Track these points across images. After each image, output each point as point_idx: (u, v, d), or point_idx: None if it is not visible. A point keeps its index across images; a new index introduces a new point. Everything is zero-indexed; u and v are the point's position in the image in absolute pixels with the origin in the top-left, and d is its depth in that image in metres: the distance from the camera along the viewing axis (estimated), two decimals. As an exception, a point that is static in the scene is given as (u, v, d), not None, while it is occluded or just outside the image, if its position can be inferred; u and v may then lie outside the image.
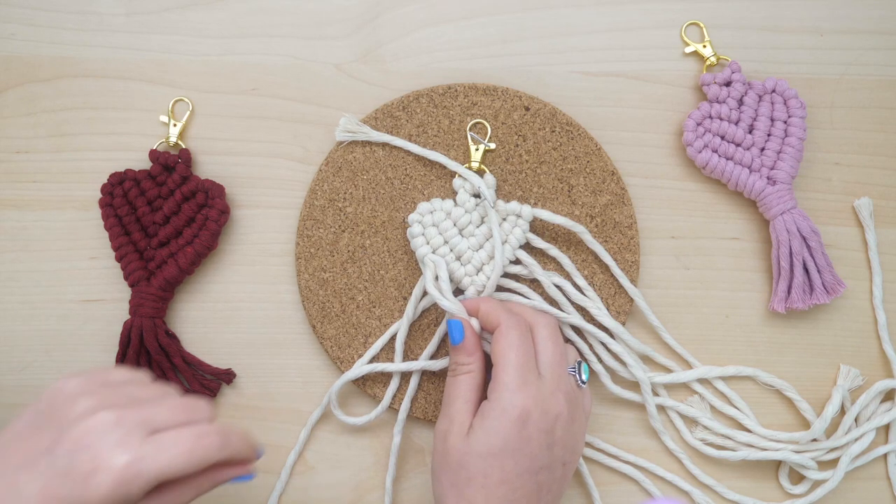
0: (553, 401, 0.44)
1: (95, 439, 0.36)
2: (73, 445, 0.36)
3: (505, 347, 0.44)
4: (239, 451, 0.40)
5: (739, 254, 0.54)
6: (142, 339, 0.50)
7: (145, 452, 0.36)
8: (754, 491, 0.53)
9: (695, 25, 0.56)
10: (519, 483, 0.42)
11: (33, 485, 0.36)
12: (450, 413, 0.45)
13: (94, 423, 0.36)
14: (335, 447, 0.52)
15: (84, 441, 0.36)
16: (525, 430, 0.43)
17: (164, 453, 0.37)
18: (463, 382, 0.45)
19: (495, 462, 0.42)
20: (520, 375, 0.43)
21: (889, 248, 0.55)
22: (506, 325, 0.45)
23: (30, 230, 0.53)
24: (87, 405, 0.37)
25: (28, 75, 0.53)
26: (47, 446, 0.36)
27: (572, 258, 0.52)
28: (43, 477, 0.36)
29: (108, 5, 0.54)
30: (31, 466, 0.36)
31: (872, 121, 0.55)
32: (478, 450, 0.42)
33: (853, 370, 0.53)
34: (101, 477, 0.35)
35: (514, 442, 0.42)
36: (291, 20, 0.55)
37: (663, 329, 0.52)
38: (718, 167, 0.53)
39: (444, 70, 0.54)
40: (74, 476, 0.35)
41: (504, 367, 0.44)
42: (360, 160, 0.52)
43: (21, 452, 0.37)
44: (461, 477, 0.43)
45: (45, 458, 0.36)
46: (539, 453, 0.43)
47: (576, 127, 0.53)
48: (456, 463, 0.43)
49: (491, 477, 0.42)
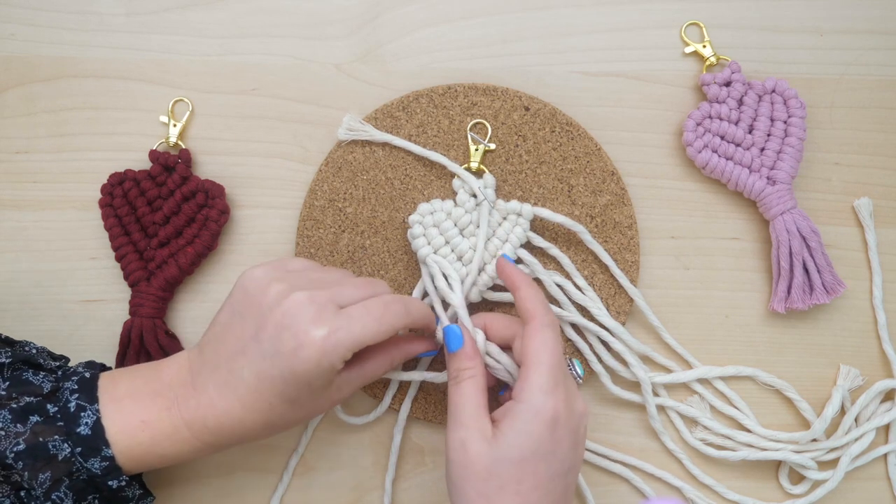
0: (578, 400, 0.43)
1: (294, 319, 0.40)
2: (274, 329, 0.40)
3: (539, 346, 0.42)
4: (421, 317, 0.44)
5: (739, 254, 0.54)
6: (142, 339, 0.50)
7: (340, 324, 0.40)
8: (754, 491, 0.53)
9: (695, 25, 0.56)
10: (551, 487, 0.41)
11: (248, 369, 0.40)
12: (463, 421, 0.42)
13: (289, 304, 0.40)
14: (335, 447, 0.52)
15: (284, 322, 0.40)
16: (556, 433, 0.41)
17: (356, 322, 0.40)
18: (468, 387, 0.43)
19: (528, 467, 0.40)
20: (552, 377, 0.41)
21: (889, 248, 0.55)
22: (541, 322, 0.43)
23: (30, 230, 0.53)
24: (279, 289, 0.41)
25: (28, 75, 0.53)
26: (252, 334, 0.41)
27: (572, 258, 0.52)
28: (255, 362, 0.40)
29: (108, 5, 0.54)
30: (243, 353, 0.41)
31: (872, 121, 0.55)
32: (509, 455, 0.40)
33: (853, 370, 0.53)
34: (305, 352, 0.39)
35: (546, 445, 0.41)
36: (291, 20, 0.55)
37: (663, 329, 0.52)
38: (718, 167, 0.53)
39: (444, 70, 0.54)
40: (282, 355, 0.40)
41: (537, 366, 0.42)
42: (360, 160, 0.52)
43: (232, 341, 0.42)
44: (491, 486, 0.40)
45: (253, 345, 0.41)
46: (568, 454, 0.42)
47: (576, 127, 0.53)
48: (484, 471, 0.40)
49: (524, 483, 0.40)
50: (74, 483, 0.40)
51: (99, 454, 0.40)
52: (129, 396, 0.42)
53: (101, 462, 0.40)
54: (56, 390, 0.42)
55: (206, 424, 0.41)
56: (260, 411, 0.41)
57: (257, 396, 0.41)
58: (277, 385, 0.40)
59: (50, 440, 0.40)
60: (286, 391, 0.40)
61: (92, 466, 0.40)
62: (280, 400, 0.41)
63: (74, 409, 0.40)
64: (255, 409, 0.41)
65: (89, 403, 0.41)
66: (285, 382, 0.40)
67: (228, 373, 0.41)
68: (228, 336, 0.42)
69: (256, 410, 0.41)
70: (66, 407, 0.41)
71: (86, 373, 0.42)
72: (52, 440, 0.40)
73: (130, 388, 0.42)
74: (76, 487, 0.40)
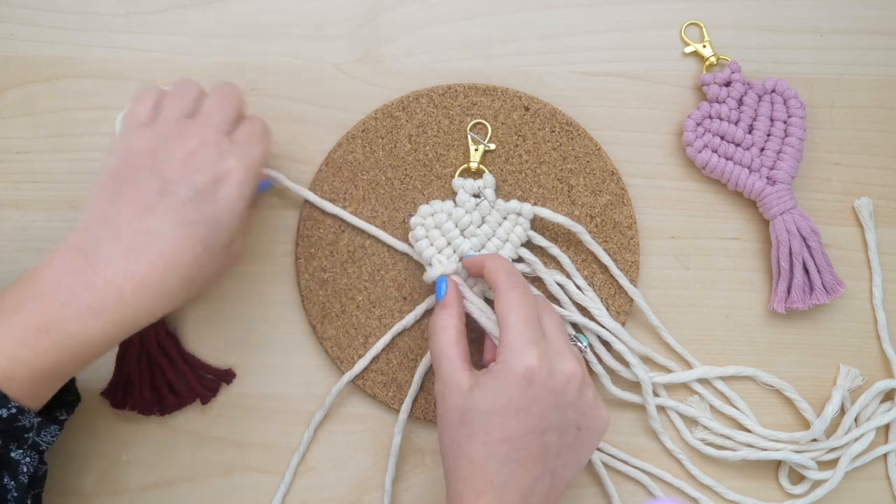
0: (563, 361, 0.43)
1: (200, 161, 0.40)
2: (182, 176, 0.40)
3: (505, 309, 0.43)
4: None
5: (739, 254, 0.54)
6: (142, 339, 0.50)
7: (240, 151, 0.41)
8: (754, 491, 0.53)
9: (695, 25, 0.56)
10: (523, 443, 0.41)
11: (165, 221, 0.39)
12: (440, 374, 0.44)
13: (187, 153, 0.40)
14: (335, 447, 0.52)
15: (190, 168, 0.40)
16: (531, 390, 0.41)
17: (251, 146, 0.42)
18: (439, 340, 0.44)
19: (498, 420, 0.41)
20: (522, 335, 0.42)
21: (889, 248, 0.55)
22: (504, 287, 0.44)
23: (30, 230, 0.53)
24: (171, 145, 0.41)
25: (28, 75, 0.53)
26: (157, 189, 0.40)
27: (572, 258, 0.52)
28: (171, 211, 0.39)
29: (108, 5, 0.54)
30: (150, 210, 0.39)
31: (872, 121, 0.55)
32: (480, 407, 0.41)
33: (853, 370, 0.53)
34: (226, 185, 0.40)
35: (518, 401, 0.41)
36: (291, 20, 0.55)
37: (663, 329, 0.52)
38: (718, 167, 0.53)
39: (444, 70, 0.54)
40: (202, 196, 0.40)
41: (505, 328, 0.43)
42: (360, 160, 0.52)
43: (129, 206, 0.40)
44: (462, 434, 0.42)
45: (162, 199, 0.39)
46: (547, 413, 0.42)
47: (576, 127, 0.53)
48: (458, 420, 0.42)
49: (492, 434, 0.41)
50: None
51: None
52: (18, 307, 0.38)
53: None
54: None
55: (122, 300, 0.39)
56: (182, 265, 0.40)
57: (180, 250, 0.39)
58: (199, 230, 0.40)
59: None
60: (208, 235, 0.40)
61: None
62: (202, 249, 0.40)
63: None
64: (178, 263, 0.39)
65: None
66: (208, 225, 0.40)
67: (136, 235, 0.39)
68: (121, 204, 0.40)
69: (179, 265, 0.40)
70: None
71: None
72: None
73: (16, 300, 0.39)
74: None
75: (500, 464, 0.41)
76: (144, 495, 0.51)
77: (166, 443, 0.51)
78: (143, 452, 0.51)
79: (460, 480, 0.41)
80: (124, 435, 0.50)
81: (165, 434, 0.51)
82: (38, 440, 0.40)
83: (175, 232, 0.39)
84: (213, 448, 0.51)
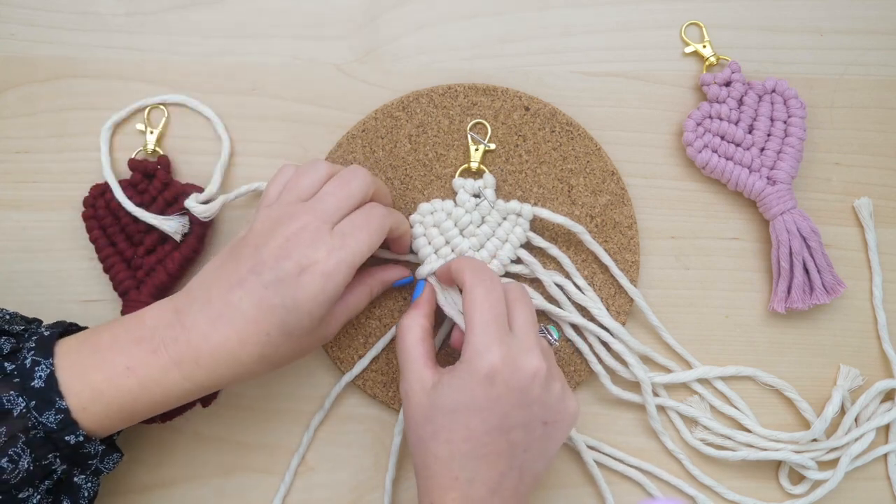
0: (527, 358, 0.42)
1: (292, 247, 0.41)
2: (274, 260, 0.41)
3: (469, 308, 0.43)
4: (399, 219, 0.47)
5: (739, 254, 0.54)
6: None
7: (336, 243, 0.42)
8: (754, 491, 0.53)
9: (695, 25, 0.56)
10: (487, 440, 0.41)
11: (248, 299, 0.41)
12: (405, 372, 0.44)
13: (286, 236, 0.42)
14: (335, 448, 0.52)
15: (283, 253, 0.41)
16: (493, 389, 0.41)
17: (350, 239, 0.42)
18: (405, 339, 0.45)
19: (460, 418, 0.42)
20: (485, 334, 0.42)
21: (889, 248, 0.55)
22: (468, 284, 0.44)
23: (30, 230, 0.53)
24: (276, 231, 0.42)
25: (28, 75, 0.53)
26: (250, 267, 0.41)
27: (572, 258, 0.52)
28: (254, 291, 0.41)
29: (108, 5, 0.54)
30: (240, 285, 0.41)
31: (872, 121, 0.55)
32: (442, 405, 0.42)
33: (853, 370, 0.53)
34: (308, 276, 0.41)
35: (480, 400, 0.41)
36: (291, 20, 0.55)
37: (663, 329, 0.52)
38: (718, 167, 0.53)
39: (444, 70, 0.54)
40: (284, 282, 0.41)
41: (470, 327, 0.43)
42: (360, 160, 0.52)
43: (225, 278, 0.42)
44: (427, 431, 0.42)
45: (251, 277, 0.41)
46: (511, 412, 0.42)
47: (576, 127, 0.53)
48: (422, 417, 0.43)
49: (455, 433, 0.41)
50: (31, 440, 0.40)
51: (53, 407, 0.39)
52: (112, 345, 0.41)
53: (56, 415, 0.39)
54: (17, 350, 0.41)
55: (198, 361, 0.41)
56: (257, 343, 0.41)
57: (255, 327, 0.41)
58: (278, 314, 0.41)
59: (5, 395, 0.39)
60: (286, 320, 0.41)
61: (47, 421, 0.39)
62: (279, 331, 0.41)
63: (30, 365, 0.40)
64: (252, 340, 0.41)
65: (44, 358, 0.40)
66: (287, 310, 0.41)
67: (224, 305, 0.41)
68: (221, 275, 0.42)
69: (253, 343, 0.41)
70: (23, 364, 0.40)
71: (45, 332, 0.42)
72: (7, 395, 0.39)
73: (112, 338, 0.42)
74: (33, 444, 0.40)
75: (464, 461, 0.41)
76: (144, 495, 0.51)
77: (166, 443, 0.51)
78: (143, 452, 0.51)
79: (428, 477, 0.42)
80: (125, 435, 0.50)
81: (165, 434, 0.51)
82: (100, 467, 0.43)
83: (253, 311, 0.41)
84: (213, 448, 0.51)
